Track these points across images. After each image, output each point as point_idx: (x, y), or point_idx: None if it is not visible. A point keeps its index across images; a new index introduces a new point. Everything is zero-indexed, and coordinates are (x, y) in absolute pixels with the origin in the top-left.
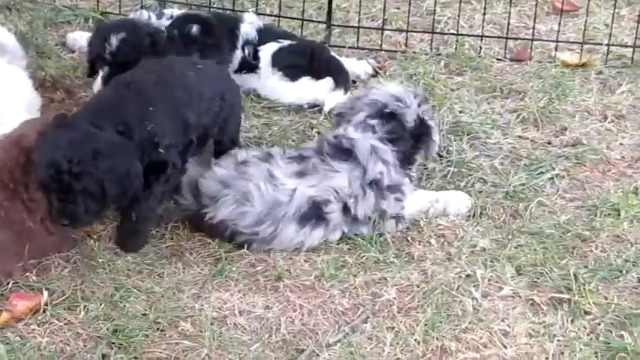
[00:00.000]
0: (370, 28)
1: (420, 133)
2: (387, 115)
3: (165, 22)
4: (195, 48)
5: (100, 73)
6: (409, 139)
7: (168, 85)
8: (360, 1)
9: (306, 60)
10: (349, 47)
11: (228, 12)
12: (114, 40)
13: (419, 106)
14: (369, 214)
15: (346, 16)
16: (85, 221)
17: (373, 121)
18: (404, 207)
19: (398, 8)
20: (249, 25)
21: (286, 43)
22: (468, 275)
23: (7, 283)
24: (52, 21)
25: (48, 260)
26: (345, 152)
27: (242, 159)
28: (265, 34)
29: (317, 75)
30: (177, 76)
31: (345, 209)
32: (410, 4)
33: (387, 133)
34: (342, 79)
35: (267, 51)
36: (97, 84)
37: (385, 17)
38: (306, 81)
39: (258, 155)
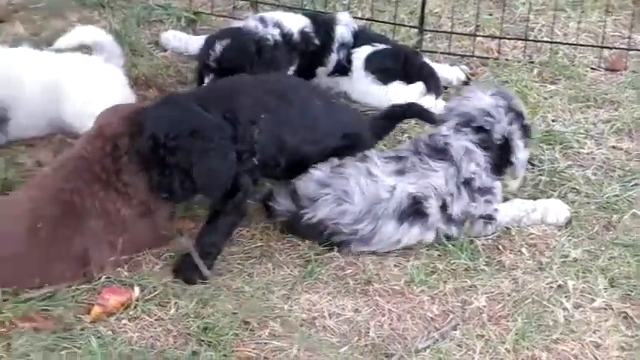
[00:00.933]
0: (462, 34)
1: (505, 152)
2: (476, 128)
3: (271, 30)
4: (296, 54)
5: (206, 81)
6: (497, 151)
7: (289, 101)
8: (452, 7)
9: (399, 64)
10: (441, 53)
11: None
12: (218, 47)
13: (510, 124)
14: (462, 213)
15: (438, 21)
16: (180, 196)
17: (464, 129)
18: (496, 210)
19: (491, 14)
20: (344, 27)
21: (380, 46)
22: (559, 286)
23: (100, 278)
24: (144, 19)
25: (140, 256)
26: (440, 152)
27: (338, 162)
28: (360, 37)
29: (409, 79)
30: (302, 98)
31: (443, 207)
32: (503, 10)
33: (477, 140)
34: (434, 85)
35: (360, 54)
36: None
37: (478, 23)
38: (397, 85)
39: (354, 158)
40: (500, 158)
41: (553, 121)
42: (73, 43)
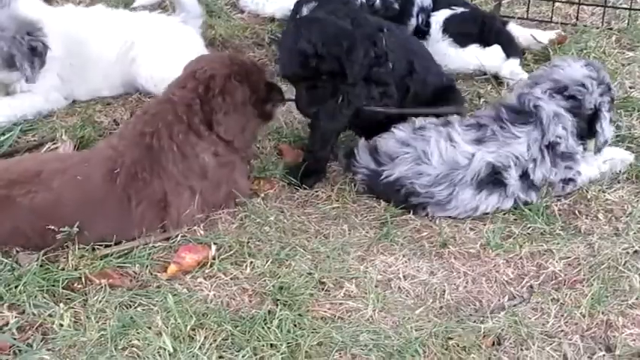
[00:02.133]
0: None
1: (593, 122)
2: (568, 97)
3: None
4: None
5: None
6: (585, 119)
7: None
8: None
9: (477, 28)
10: (518, 18)
11: None
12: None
13: (600, 95)
14: (545, 177)
15: None
16: (329, 106)
17: (556, 95)
18: (578, 172)
19: None
20: None
21: (459, 10)
22: (635, 251)
23: (177, 236)
24: None
25: (216, 215)
26: (525, 114)
27: (420, 124)
28: (439, 1)
29: (486, 43)
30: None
31: (524, 175)
32: None
33: (569, 106)
34: (512, 49)
35: (439, 17)
36: None
37: None
38: (474, 48)
39: (436, 122)
40: (588, 127)
41: (631, 87)
42: (153, 1)
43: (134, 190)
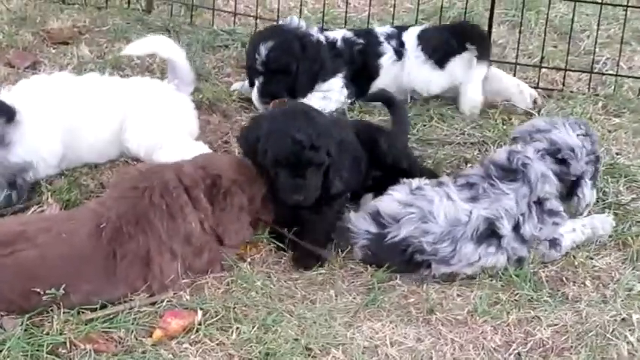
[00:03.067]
0: (527, 65)
1: (574, 187)
2: (559, 160)
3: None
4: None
5: (256, 84)
6: (569, 185)
7: None
8: (519, 38)
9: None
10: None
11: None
12: (263, 50)
13: (586, 164)
14: (533, 233)
15: (503, 52)
16: (311, 196)
17: (547, 157)
18: (562, 235)
19: (555, 47)
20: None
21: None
22: (623, 319)
23: (162, 301)
24: (209, 44)
25: (202, 280)
26: (512, 172)
27: (416, 186)
28: None
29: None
30: None
31: (516, 227)
32: (569, 43)
33: (557, 170)
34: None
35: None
36: (254, 95)
37: (543, 55)
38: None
39: (431, 182)
40: (568, 192)
41: (617, 154)
42: (145, 52)
43: (119, 243)
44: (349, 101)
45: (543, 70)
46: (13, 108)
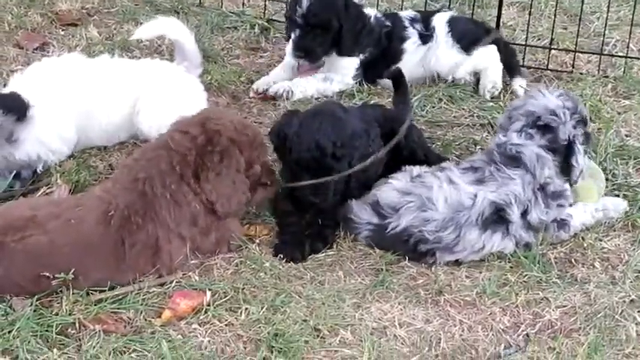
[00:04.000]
0: (537, 46)
1: (567, 154)
2: (543, 127)
3: None
4: None
5: (292, 36)
6: (562, 153)
7: None
8: (528, 20)
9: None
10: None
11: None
12: (305, 1)
13: (574, 127)
14: (540, 220)
15: (513, 34)
16: (328, 201)
17: (531, 131)
18: (570, 215)
19: (565, 28)
20: None
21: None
22: (632, 300)
23: (171, 281)
24: (218, 26)
25: (211, 261)
26: (514, 159)
27: (416, 173)
28: None
29: None
30: None
31: (524, 214)
32: (579, 24)
33: (546, 142)
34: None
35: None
36: (288, 48)
37: (552, 37)
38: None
39: (432, 169)
40: (565, 161)
41: (627, 135)
42: (154, 34)
43: (128, 232)
44: (356, 82)
45: (553, 51)
46: (26, 104)
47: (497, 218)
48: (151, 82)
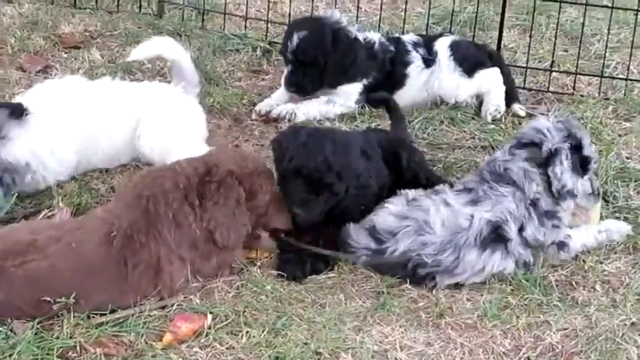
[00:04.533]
0: (538, 69)
1: (546, 165)
2: (527, 144)
3: None
4: None
5: (285, 71)
6: (545, 164)
7: None
8: (529, 42)
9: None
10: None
11: None
12: (295, 39)
13: (560, 142)
14: (535, 240)
15: (514, 57)
16: (312, 216)
17: (516, 151)
18: (569, 236)
19: (566, 51)
20: None
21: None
22: (633, 323)
23: (172, 305)
24: (220, 48)
25: (212, 284)
26: (502, 176)
27: (412, 197)
28: None
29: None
30: None
31: (520, 230)
32: (580, 47)
33: (529, 155)
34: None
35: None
36: (282, 81)
37: (553, 59)
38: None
39: (426, 192)
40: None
41: (627, 158)
42: (150, 55)
43: (130, 252)
44: (358, 106)
45: (554, 74)
46: (24, 107)
47: (495, 237)
48: (151, 105)
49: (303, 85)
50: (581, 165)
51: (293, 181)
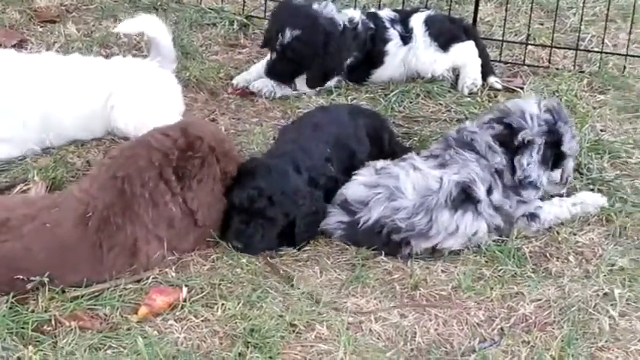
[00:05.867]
0: (514, 42)
1: (514, 153)
2: (505, 124)
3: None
4: None
5: (267, 58)
6: (515, 150)
7: None
8: (505, 16)
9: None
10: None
11: None
12: (287, 34)
13: (538, 135)
14: (503, 204)
15: (490, 30)
16: (253, 248)
17: (494, 124)
18: (540, 207)
19: (542, 24)
20: None
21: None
22: (605, 294)
23: (148, 278)
24: (197, 22)
25: (187, 257)
26: (467, 145)
27: (380, 166)
28: None
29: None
30: None
31: (489, 191)
32: (555, 20)
33: (499, 134)
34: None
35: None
36: (261, 64)
37: (529, 32)
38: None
39: (394, 161)
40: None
41: (602, 130)
42: (135, 31)
43: (107, 234)
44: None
45: (529, 47)
46: None
47: (465, 197)
48: (123, 78)
49: (284, 77)
50: (556, 160)
51: (230, 216)
